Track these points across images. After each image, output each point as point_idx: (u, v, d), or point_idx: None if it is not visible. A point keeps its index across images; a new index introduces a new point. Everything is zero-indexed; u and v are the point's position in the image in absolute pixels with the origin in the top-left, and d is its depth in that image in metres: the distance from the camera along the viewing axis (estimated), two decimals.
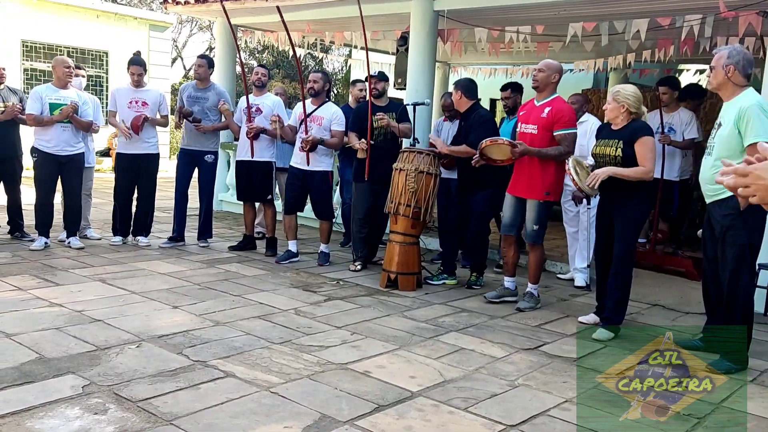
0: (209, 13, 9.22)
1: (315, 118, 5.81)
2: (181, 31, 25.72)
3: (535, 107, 4.74)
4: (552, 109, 4.61)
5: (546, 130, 4.61)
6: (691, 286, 5.59)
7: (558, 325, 4.51)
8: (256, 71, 6.37)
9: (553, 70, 4.70)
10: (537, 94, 4.76)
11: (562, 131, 4.59)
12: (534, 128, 4.66)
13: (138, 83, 6.16)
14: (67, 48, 13.14)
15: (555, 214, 6.34)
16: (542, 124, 4.62)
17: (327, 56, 14.40)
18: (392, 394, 3.13)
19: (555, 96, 4.70)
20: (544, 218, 4.73)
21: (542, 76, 4.68)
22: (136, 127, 6.01)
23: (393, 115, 5.74)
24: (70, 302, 4.33)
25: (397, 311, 4.62)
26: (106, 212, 6.63)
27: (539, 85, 4.70)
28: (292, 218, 6.01)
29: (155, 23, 14.76)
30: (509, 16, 7.05)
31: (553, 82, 4.70)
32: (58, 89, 5.88)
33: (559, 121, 4.59)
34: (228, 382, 3.16)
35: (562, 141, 4.59)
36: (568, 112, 4.65)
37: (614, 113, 4.20)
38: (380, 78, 5.94)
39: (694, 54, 7.13)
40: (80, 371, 3.19)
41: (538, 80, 4.70)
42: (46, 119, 5.73)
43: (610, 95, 4.26)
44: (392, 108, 5.84)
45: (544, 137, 4.62)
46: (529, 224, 4.74)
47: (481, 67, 11.01)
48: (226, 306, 4.48)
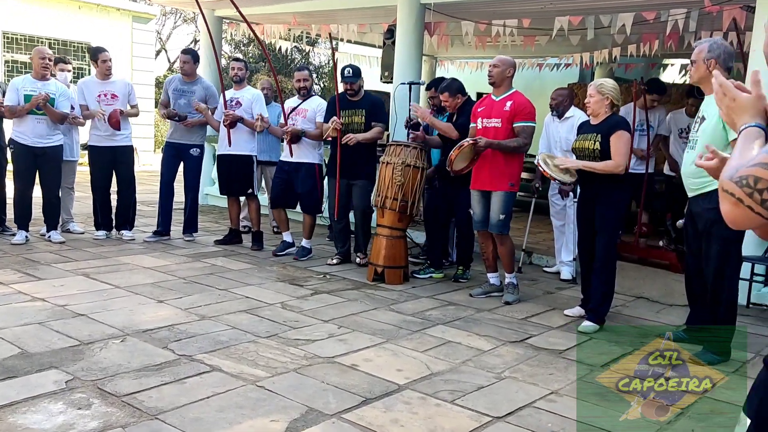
0: (193, 4, 9.09)
1: (300, 111, 5.84)
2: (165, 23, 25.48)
3: (495, 102, 4.80)
4: (514, 103, 4.71)
5: (509, 123, 4.70)
6: (675, 278, 5.63)
7: (544, 317, 4.53)
8: (232, 66, 6.30)
9: (508, 65, 4.79)
10: (494, 90, 4.83)
11: (522, 123, 4.68)
12: (498, 122, 4.73)
13: (110, 72, 6.09)
14: (49, 39, 12.97)
15: (542, 207, 6.39)
16: (505, 117, 4.70)
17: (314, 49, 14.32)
18: (379, 387, 3.13)
19: (513, 90, 4.80)
20: (509, 208, 4.77)
21: (497, 71, 4.75)
22: (116, 123, 5.93)
23: (363, 112, 5.55)
24: (53, 297, 4.28)
25: (384, 305, 4.62)
26: (89, 206, 6.56)
27: (495, 81, 4.77)
28: (281, 212, 5.99)
29: (139, 15, 14.59)
30: (496, 10, 7.05)
31: (509, 77, 4.79)
32: (36, 81, 5.79)
33: (519, 114, 4.68)
34: (214, 376, 3.14)
35: (520, 133, 4.68)
36: (529, 106, 4.75)
37: (598, 105, 4.23)
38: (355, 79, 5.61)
39: (678, 48, 7.18)
40: (63, 366, 3.15)
41: (494, 75, 4.76)
42: (19, 109, 5.64)
43: (592, 88, 4.29)
44: (363, 104, 5.60)
45: (507, 130, 4.70)
46: (495, 215, 4.76)
47: (468, 60, 11.03)
48: (212, 300, 4.45)
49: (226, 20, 9.26)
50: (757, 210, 1.15)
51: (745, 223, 1.18)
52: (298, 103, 5.88)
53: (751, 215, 1.16)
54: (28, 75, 5.92)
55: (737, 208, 1.17)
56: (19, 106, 5.65)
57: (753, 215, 1.16)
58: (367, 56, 10.55)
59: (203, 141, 6.45)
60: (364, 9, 7.51)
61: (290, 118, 5.81)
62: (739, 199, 1.16)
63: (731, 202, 1.18)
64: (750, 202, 1.15)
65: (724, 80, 1.37)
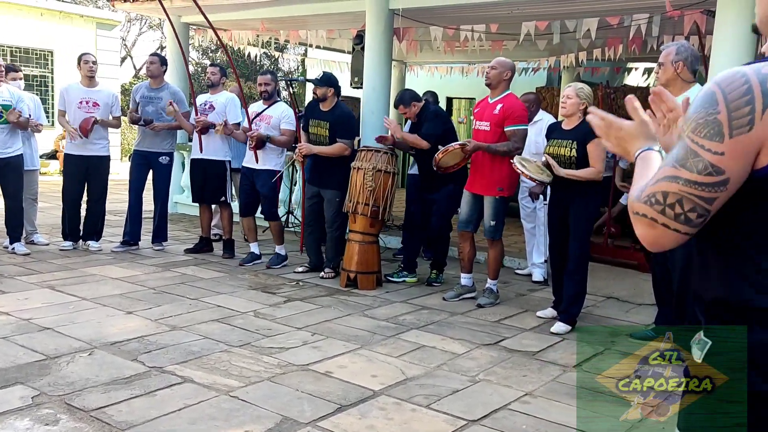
0: (158, 10, 8.99)
1: (264, 117, 5.78)
2: (130, 30, 25.13)
3: (488, 104, 4.80)
4: (503, 106, 4.68)
5: (498, 127, 4.68)
6: (643, 278, 5.72)
7: (517, 320, 4.56)
8: (208, 70, 6.27)
9: (506, 68, 4.76)
10: (491, 92, 4.82)
11: (512, 127, 4.66)
12: (487, 125, 4.72)
13: (92, 74, 5.98)
14: (10, 48, 12.68)
15: (512, 210, 6.44)
16: (494, 121, 4.69)
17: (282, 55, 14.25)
18: (354, 394, 3.11)
19: (507, 93, 4.77)
20: (500, 213, 4.79)
21: (494, 73, 4.74)
22: (84, 130, 5.81)
23: (326, 124, 5.43)
24: (17, 310, 4.17)
25: (357, 310, 4.60)
26: (54, 216, 6.41)
27: (492, 83, 4.76)
28: (250, 220, 5.92)
29: (103, 21, 14.35)
30: (464, 15, 7.10)
31: (506, 79, 4.76)
32: None
33: (509, 117, 4.66)
34: (185, 388, 3.09)
35: (511, 136, 4.66)
36: (519, 109, 4.72)
37: (574, 108, 4.27)
38: (321, 83, 5.48)
39: (642, 52, 7.32)
40: (29, 381, 3.07)
41: (491, 77, 4.76)
42: None
43: (570, 90, 4.30)
44: (329, 116, 5.44)
45: (496, 134, 4.69)
46: (487, 220, 4.79)
47: (437, 65, 11.09)
48: (182, 310, 4.39)
49: (193, 26, 9.17)
50: (673, 227, 1.11)
51: (665, 242, 1.14)
52: (263, 109, 5.82)
53: (668, 233, 1.12)
54: None
55: (653, 228, 1.13)
56: None
57: (670, 233, 1.12)
58: (338, 62, 10.53)
59: (173, 149, 6.36)
60: (333, 15, 7.50)
61: (254, 123, 5.75)
62: (653, 219, 1.12)
63: (645, 223, 1.14)
64: (664, 219, 1.11)
65: (604, 113, 1.34)
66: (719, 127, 1.07)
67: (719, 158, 1.07)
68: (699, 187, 1.09)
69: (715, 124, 1.08)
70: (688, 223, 1.11)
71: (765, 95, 1.05)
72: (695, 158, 1.09)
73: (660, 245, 1.15)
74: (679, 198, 1.10)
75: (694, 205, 1.09)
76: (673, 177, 1.11)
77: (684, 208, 1.10)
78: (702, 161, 1.08)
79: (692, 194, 1.09)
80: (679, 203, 1.10)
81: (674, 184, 1.10)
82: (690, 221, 1.11)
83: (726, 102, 1.07)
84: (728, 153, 1.07)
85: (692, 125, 1.11)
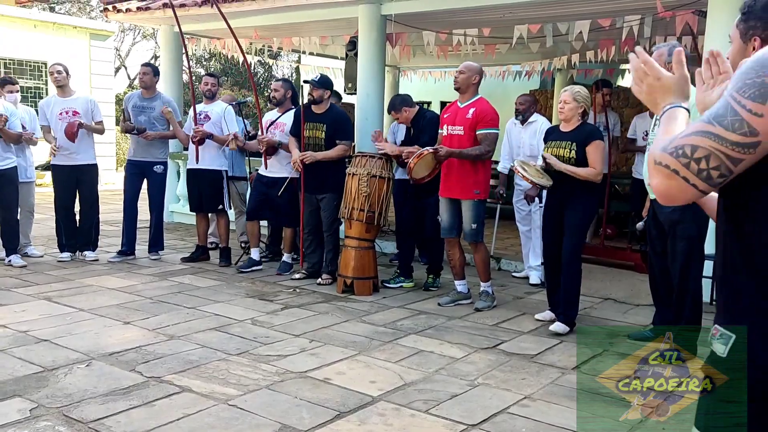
0: (153, 20, 9.02)
1: (278, 125, 5.80)
2: (123, 40, 25.10)
3: (459, 109, 4.81)
4: (476, 110, 4.70)
5: (472, 130, 4.69)
6: (640, 279, 5.73)
7: (515, 323, 4.56)
8: (205, 81, 6.22)
9: (474, 72, 4.79)
10: (460, 96, 4.83)
11: (484, 131, 4.67)
12: (461, 129, 4.73)
13: (60, 83, 5.96)
14: (4, 59, 12.68)
15: (508, 213, 6.45)
16: (468, 125, 4.70)
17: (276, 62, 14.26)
18: (353, 400, 3.10)
19: (478, 97, 4.80)
20: (480, 216, 4.78)
21: (463, 77, 4.76)
22: (71, 135, 5.78)
23: (323, 126, 5.41)
24: (14, 323, 4.15)
25: (355, 316, 4.60)
26: (50, 228, 6.39)
27: (461, 87, 4.78)
28: (255, 225, 5.92)
29: (96, 32, 14.36)
30: (456, 19, 7.13)
31: (474, 83, 4.78)
32: None
33: (482, 121, 4.67)
34: (184, 397, 3.08)
35: (483, 140, 4.67)
36: (491, 113, 4.74)
37: (572, 112, 4.29)
38: (319, 85, 5.45)
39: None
40: (27, 394, 3.06)
41: (459, 82, 4.77)
42: None
43: (567, 95, 4.31)
44: (325, 118, 5.42)
45: (470, 137, 4.69)
46: (467, 224, 4.78)
47: (430, 70, 11.11)
48: (180, 319, 4.37)
49: (187, 35, 9.16)
50: (692, 181, 1.12)
51: (678, 195, 1.15)
52: (277, 117, 5.85)
53: (685, 187, 1.13)
54: None
55: (671, 180, 1.14)
56: None
57: (687, 187, 1.13)
58: (331, 68, 10.55)
59: (166, 157, 6.36)
60: (326, 21, 7.52)
61: (268, 131, 5.77)
62: (675, 170, 1.13)
63: (665, 174, 1.14)
64: (686, 173, 1.12)
65: (648, 57, 1.33)
66: (765, 89, 1.08)
67: (757, 120, 1.08)
68: (730, 145, 1.10)
69: (763, 86, 1.09)
70: (708, 180, 1.12)
71: None
72: (734, 116, 1.10)
73: (672, 198, 1.16)
74: (707, 154, 1.11)
75: (720, 162, 1.10)
76: (707, 132, 1.12)
77: (709, 164, 1.11)
78: (739, 119, 1.09)
79: (721, 151, 1.10)
80: (706, 159, 1.11)
81: (706, 140, 1.11)
82: (710, 179, 1.12)
83: None
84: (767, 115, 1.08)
85: (738, 84, 1.12)
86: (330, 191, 5.45)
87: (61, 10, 22.59)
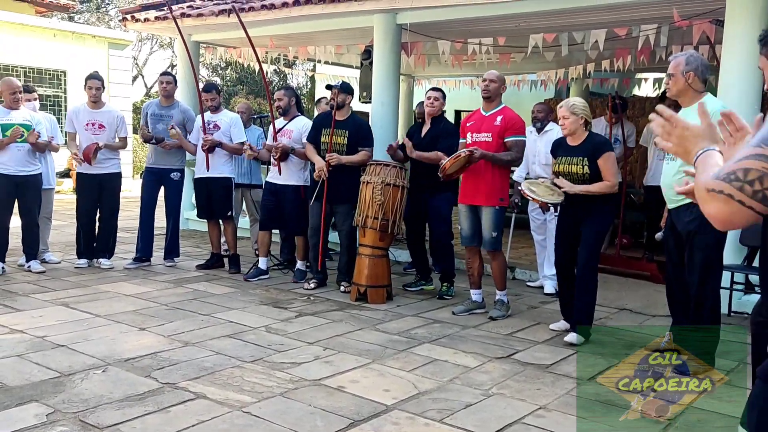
0: (170, 30, 9.12)
1: (285, 132, 5.83)
2: (141, 49, 25.42)
3: (485, 117, 4.85)
4: (504, 117, 4.77)
5: (500, 137, 4.75)
6: (656, 289, 5.68)
7: (529, 332, 4.54)
8: (205, 98, 6.15)
9: (502, 81, 4.93)
10: (485, 104, 4.88)
11: (513, 138, 4.74)
12: (488, 136, 4.77)
13: (96, 98, 6.04)
14: (24, 68, 12.87)
15: (523, 222, 6.42)
16: (496, 132, 4.75)
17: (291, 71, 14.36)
18: (367, 409, 3.10)
19: (503, 105, 4.88)
20: (500, 224, 4.80)
21: (494, 86, 4.83)
22: (87, 158, 5.84)
23: (345, 132, 5.45)
24: (32, 328, 4.20)
25: (369, 324, 4.60)
26: (68, 234, 6.47)
27: (491, 95, 4.82)
28: (266, 234, 5.95)
29: (114, 41, 14.55)
30: (471, 29, 7.14)
31: (501, 92, 4.90)
32: (9, 111, 5.73)
33: (510, 129, 4.75)
34: (199, 404, 3.10)
35: (513, 147, 4.74)
36: (519, 121, 4.83)
37: (574, 126, 4.28)
38: (342, 90, 5.52)
39: (650, 63, 7.31)
40: (44, 399, 3.08)
41: (491, 91, 4.82)
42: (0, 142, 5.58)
43: (564, 110, 4.30)
44: (349, 125, 5.47)
45: (497, 144, 4.75)
46: (487, 232, 4.78)
47: (445, 79, 11.12)
48: (195, 326, 4.40)
49: (203, 44, 9.28)
50: (748, 204, 1.13)
51: (736, 220, 1.16)
52: (284, 124, 5.89)
53: (743, 210, 1.13)
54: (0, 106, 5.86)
55: (727, 205, 1.14)
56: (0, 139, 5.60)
57: (744, 210, 1.13)
58: (346, 77, 10.59)
59: (183, 165, 6.41)
60: (341, 30, 7.56)
61: (276, 138, 5.81)
62: (729, 194, 1.14)
63: (720, 200, 1.15)
64: (741, 196, 1.13)
65: (671, 113, 1.37)
66: None
67: None
68: None
69: None
70: (765, 200, 1.13)
71: None
72: None
73: (731, 223, 1.17)
74: (760, 175, 1.12)
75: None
76: (757, 155, 1.14)
77: (763, 185, 1.12)
78: None
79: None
80: (759, 180, 1.12)
81: (757, 162, 1.13)
82: (766, 199, 1.13)
83: None
84: None
85: None
86: (346, 202, 5.46)
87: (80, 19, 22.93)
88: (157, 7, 8.67)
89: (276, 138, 5.77)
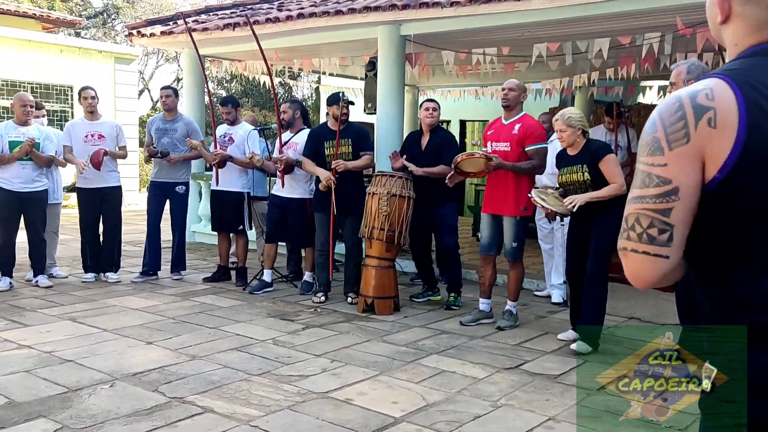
0: (176, 44, 9.20)
1: (291, 145, 5.86)
2: (147, 63, 25.62)
3: (504, 125, 4.84)
4: (522, 126, 4.75)
5: (519, 146, 4.73)
6: (665, 298, 5.62)
7: (537, 342, 4.51)
8: (222, 112, 6.24)
9: (522, 89, 4.89)
10: (505, 113, 4.86)
11: (534, 146, 4.72)
12: (506, 145, 4.75)
13: (92, 109, 6.07)
14: (31, 84, 12.96)
15: (530, 231, 6.40)
16: (514, 141, 4.73)
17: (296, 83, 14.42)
18: (375, 421, 3.08)
19: (523, 113, 4.85)
20: (522, 234, 4.79)
21: (514, 95, 4.82)
22: (97, 164, 5.86)
23: (349, 141, 5.49)
24: (39, 343, 4.20)
25: (376, 336, 4.58)
26: (75, 249, 6.49)
27: (510, 104, 4.81)
28: (272, 247, 5.95)
29: (121, 56, 14.65)
30: (475, 39, 7.16)
31: (521, 101, 4.87)
32: (18, 126, 5.77)
33: (530, 137, 4.72)
34: (206, 418, 3.08)
35: (534, 155, 4.72)
36: (539, 128, 4.81)
37: (572, 138, 4.28)
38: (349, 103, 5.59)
39: (655, 71, 7.31)
40: (51, 414, 3.08)
41: (510, 100, 4.81)
42: (7, 157, 5.62)
43: (560, 123, 4.30)
44: (349, 133, 5.51)
45: (516, 153, 4.73)
46: (509, 242, 4.77)
47: (450, 89, 11.14)
48: (202, 339, 4.39)
49: (209, 58, 9.33)
50: (642, 249, 1.11)
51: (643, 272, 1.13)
52: (290, 137, 5.92)
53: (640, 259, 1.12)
54: (9, 121, 5.90)
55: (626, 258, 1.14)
56: (7, 155, 5.63)
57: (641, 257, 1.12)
58: (351, 88, 10.63)
59: (188, 178, 6.44)
60: (345, 42, 7.59)
61: (282, 151, 5.83)
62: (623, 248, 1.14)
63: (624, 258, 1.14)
64: (631, 245, 1.12)
65: None
66: (659, 143, 1.13)
67: (663, 169, 1.12)
68: (650, 199, 1.12)
69: (655, 141, 1.14)
70: (652, 241, 1.11)
71: (695, 108, 1.10)
72: (644, 176, 1.14)
73: (641, 278, 1.14)
74: (636, 217, 1.13)
75: (650, 219, 1.11)
76: (629, 200, 1.16)
77: (643, 225, 1.12)
78: (650, 176, 1.13)
79: (646, 209, 1.12)
80: (637, 222, 1.13)
81: (630, 206, 1.15)
82: (653, 239, 1.11)
83: (662, 121, 1.14)
84: (670, 163, 1.11)
85: (641, 151, 1.17)
86: (352, 214, 5.45)
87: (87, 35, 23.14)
88: (162, 21, 8.74)
89: (281, 151, 5.79)
